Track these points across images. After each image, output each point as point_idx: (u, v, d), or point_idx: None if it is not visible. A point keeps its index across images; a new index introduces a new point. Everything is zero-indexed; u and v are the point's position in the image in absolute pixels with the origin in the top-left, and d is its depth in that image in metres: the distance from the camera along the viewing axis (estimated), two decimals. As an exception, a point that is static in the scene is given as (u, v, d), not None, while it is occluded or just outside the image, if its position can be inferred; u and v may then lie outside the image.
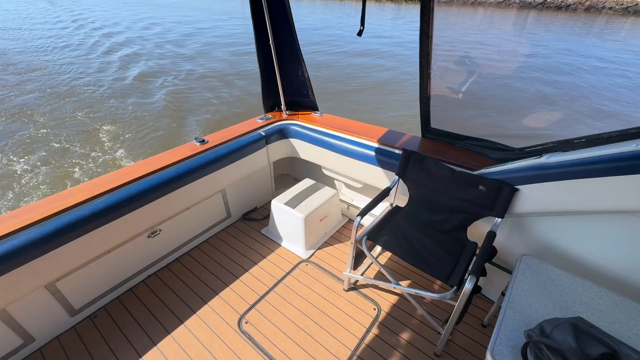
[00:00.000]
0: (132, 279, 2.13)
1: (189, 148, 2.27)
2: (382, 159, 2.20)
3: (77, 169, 5.10)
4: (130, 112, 7.12)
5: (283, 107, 2.76)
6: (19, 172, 4.97)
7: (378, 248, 2.39)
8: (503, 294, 1.63)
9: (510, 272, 1.85)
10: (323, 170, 2.79)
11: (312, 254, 2.38)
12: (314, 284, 2.14)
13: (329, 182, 2.88)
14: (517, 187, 1.59)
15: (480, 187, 1.69)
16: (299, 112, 2.83)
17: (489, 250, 1.53)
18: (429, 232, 1.87)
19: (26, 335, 1.71)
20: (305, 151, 2.71)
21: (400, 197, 2.19)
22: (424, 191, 1.94)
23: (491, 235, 1.58)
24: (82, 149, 5.68)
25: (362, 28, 1.61)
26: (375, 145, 2.27)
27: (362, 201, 2.75)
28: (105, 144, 5.87)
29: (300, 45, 2.44)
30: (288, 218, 2.35)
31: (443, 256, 1.70)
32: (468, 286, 1.36)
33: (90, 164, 5.25)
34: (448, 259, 1.69)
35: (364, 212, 1.78)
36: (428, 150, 2.07)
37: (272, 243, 2.50)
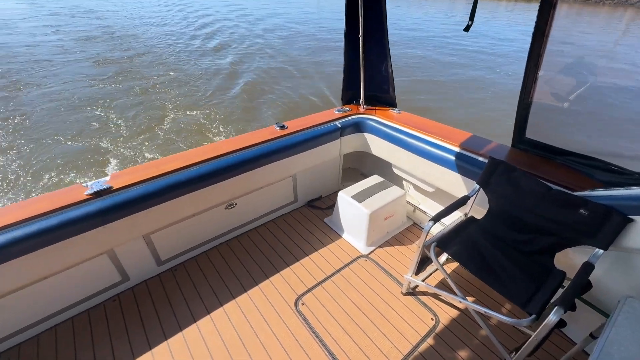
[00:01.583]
0: (208, 243, 2.36)
1: (269, 131, 2.41)
2: (462, 165, 2.06)
3: (177, 139, 5.81)
4: (218, 95, 7.80)
5: (362, 100, 2.75)
6: (136, 139, 5.84)
7: (443, 257, 2.27)
8: (592, 337, 1.42)
9: (603, 313, 1.60)
10: (394, 168, 2.73)
11: (372, 251, 2.37)
12: (371, 281, 2.13)
13: (398, 181, 2.81)
14: (631, 217, 1.36)
15: (582, 211, 1.48)
16: (377, 108, 2.80)
17: (583, 284, 1.34)
18: (507, 250, 1.71)
19: (124, 274, 2.03)
20: (378, 147, 2.67)
21: (476, 208, 2.04)
22: (508, 206, 1.77)
23: (588, 267, 1.38)
24: (185, 124, 6.44)
25: (470, 23, 1.50)
26: (456, 149, 2.13)
27: (430, 206, 2.63)
28: (201, 120, 6.56)
29: (389, 40, 2.39)
30: (353, 211, 2.36)
31: (522, 279, 1.55)
32: (553, 318, 1.22)
33: (195, 136, 5.95)
34: (528, 283, 1.53)
35: (437, 218, 1.70)
36: (518, 162, 1.88)
37: (333, 233, 2.54)
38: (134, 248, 2.00)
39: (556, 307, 1.22)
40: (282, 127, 2.46)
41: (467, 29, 1.52)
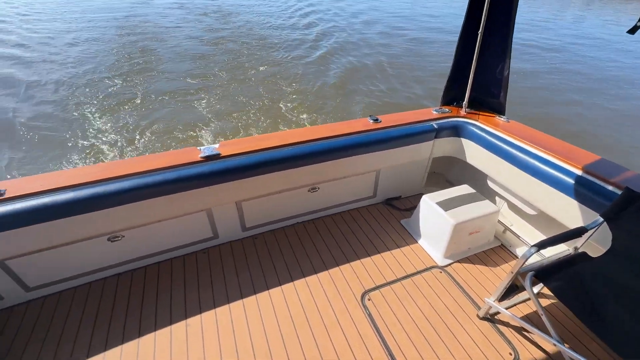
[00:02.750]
0: (286, 220, 2.50)
1: (363, 123, 2.41)
2: (582, 191, 1.77)
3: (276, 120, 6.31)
4: (311, 83, 8.10)
5: (465, 103, 2.55)
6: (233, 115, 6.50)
7: (535, 289, 2.00)
8: None
9: None
10: (489, 181, 2.49)
11: (449, 264, 2.22)
12: (444, 294, 2.01)
13: (491, 196, 2.56)
14: None
15: None
16: (481, 112, 2.56)
17: None
18: (627, 302, 1.42)
19: (215, 232, 2.29)
20: (475, 155, 2.46)
21: (591, 244, 1.74)
22: (640, 250, 1.46)
23: None
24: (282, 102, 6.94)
25: (639, 24, 1.25)
26: (578, 172, 1.83)
27: (526, 230, 2.34)
28: (291, 98, 6.96)
29: (513, 41, 2.14)
30: (436, 219, 2.24)
31: (646, 341, 1.27)
32: None
33: (293, 115, 6.40)
34: (654, 347, 1.25)
35: (542, 245, 1.49)
36: None
37: (408, 236, 2.45)
38: (226, 211, 2.23)
39: None
40: (376, 120, 2.43)
41: (632, 30, 1.26)
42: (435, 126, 2.46)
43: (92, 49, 9.98)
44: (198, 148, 2.04)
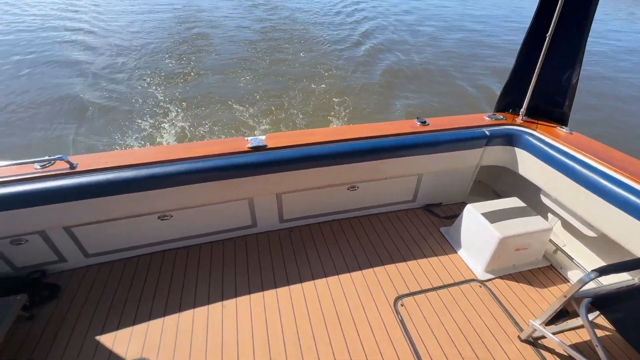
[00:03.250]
0: (323, 216, 2.52)
1: (409, 125, 2.35)
2: None
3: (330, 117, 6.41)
4: (354, 78, 8.04)
5: (522, 110, 2.39)
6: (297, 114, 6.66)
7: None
8: None
9: None
10: (542, 196, 2.32)
11: (490, 279, 2.10)
12: (483, 310, 1.91)
13: (543, 211, 2.38)
14: None
15: None
16: (540, 122, 2.39)
17: None
18: None
19: (254, 221, 2.36)
20: (529, 167, 2.30)
21: None
22: None
23: None
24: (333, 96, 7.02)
25: None
26: None
27: (581, 253, 2.16)
28: (323, 94, 6.98)
29: (586, 47, 1.97)
30: (480, 230, 2.13)
31: None
32: None
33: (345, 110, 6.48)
34: None
35: (603, 271, 1.37)
36: None
37: (447, 245, 2.36)
38: (267, 202, 2.29)
39: None
40: (423, 122, 2.36)
41: None
42: (487, 133, 2.33)
43: (151, 36, 10.73)
44: (246, 138, 2.11)
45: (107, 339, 1.72)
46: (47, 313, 1.85)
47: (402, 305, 1.92)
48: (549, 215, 2.38)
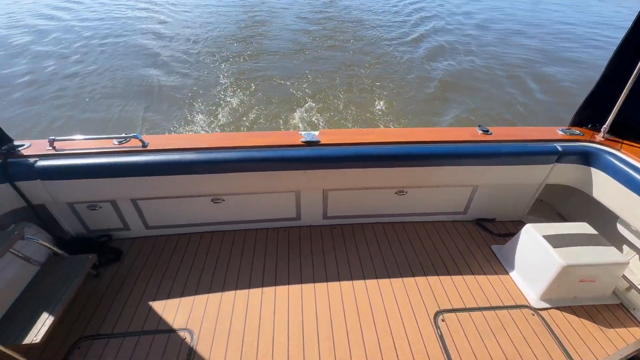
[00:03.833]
0: (368, 218, 2.48)
1: (470, 133, 2.21)
2: None
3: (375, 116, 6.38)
4: (408, 80, 7.80)
5: (605, 127, 2.13)
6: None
7: None
8: None
9: None
10: (619, 224, 2.07)
11: (545, 308, 1.92)
12: (534, 340, 1.75)
13: (618, 242, 2.12)
14: None
15: None
16: (625, 141, 2.11)
17: None
18: None
19: (299, 214, 2.40)
20: (607, 191, 2.05)
21: None
22: None
23: None
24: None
25: None
26: None
27: None
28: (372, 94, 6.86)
29: None
30: (539, 254, 1.95)
31: None
32: None
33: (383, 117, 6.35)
34: None
35: None
36: None
37: (498, 265, 2.20)
38: (313, 197, 2.32)
39: None
40: (486, 131, 2.21)
41: None
42: (559, 148, 2.12)
43: (218, 26, 11.42)
44: (300, 133, 2.15)
45: (158, 306, 1.88)
46: (110, 274, 2.06)
47: (442, 321, 1.83)
48: (625, 247, 2.11)
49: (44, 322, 1.54)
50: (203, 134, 2.20)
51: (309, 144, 2.05)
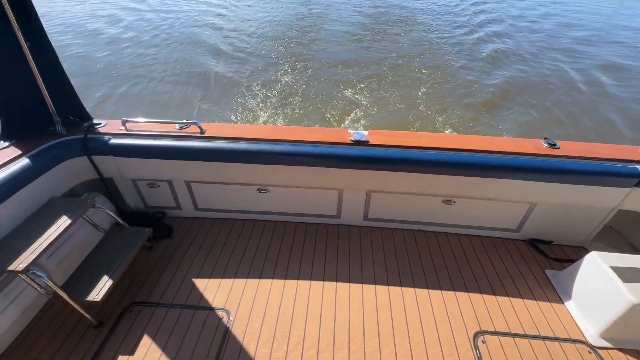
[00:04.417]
0: (410, 224, 2.40)
1: (533, 145, 2.04)
2: None
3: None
4: (463, 82, 7.40)
5: None
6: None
7: None
8: None
9: None
10: None
11: (605, 348, 1.72)
12: None
13: None
14: None
15: None
16: None
17: None
18: None
19: (339, 212, 2.40)
20: None
21: None
22: None
23: None
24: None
25: None
26: None
27: None
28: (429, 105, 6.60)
29: None
30: (605, 287, 1.74)
31: None
32: None
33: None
34: None
35: None
36: None
37: (552, 292, 2.01)
38: (355, 196, 2.30)
39: None
40: (552, 145, 2.02)
41: None
42: None
43: (275, 18, 11.86)
44: (349, 131, 2.13)
45: (200, 284, 1.99)
46: (161, 248, 2.23)
47: (483, 342, 1.72)
48: None
49: (105, 284, 1.71)
50: (255, 125, 2.29)
51: (357, 143, 2.03)
